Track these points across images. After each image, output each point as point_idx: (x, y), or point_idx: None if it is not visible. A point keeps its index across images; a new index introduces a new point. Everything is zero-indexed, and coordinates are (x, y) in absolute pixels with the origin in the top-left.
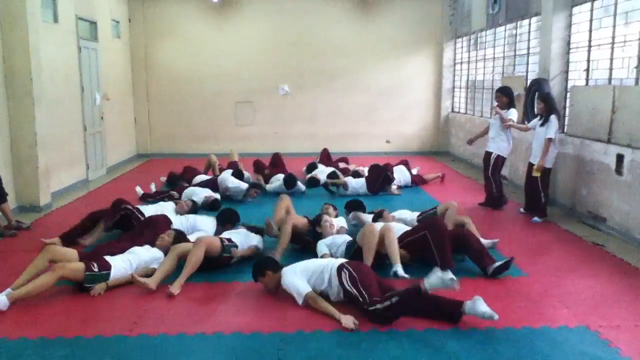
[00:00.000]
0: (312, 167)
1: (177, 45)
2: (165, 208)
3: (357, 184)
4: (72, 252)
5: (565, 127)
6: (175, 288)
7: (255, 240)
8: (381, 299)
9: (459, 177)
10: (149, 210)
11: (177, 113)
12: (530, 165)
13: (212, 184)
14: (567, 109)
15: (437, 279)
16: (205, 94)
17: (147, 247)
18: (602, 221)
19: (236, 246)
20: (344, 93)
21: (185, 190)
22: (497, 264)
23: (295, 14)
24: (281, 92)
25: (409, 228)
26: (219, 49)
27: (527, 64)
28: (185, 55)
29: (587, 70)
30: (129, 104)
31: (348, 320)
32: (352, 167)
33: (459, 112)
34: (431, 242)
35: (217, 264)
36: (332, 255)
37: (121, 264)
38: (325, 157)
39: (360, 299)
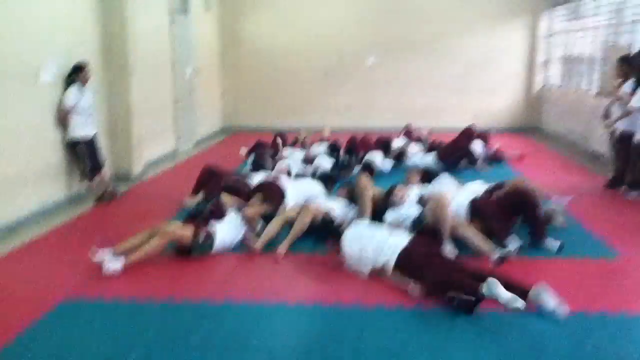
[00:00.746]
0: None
1: (266, 17)
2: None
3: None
4: (182, 233)
5: None
6: (282, 249)
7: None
8: (452, 291)
9: (552, 155)
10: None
11: (265, 86)
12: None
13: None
14: None
15: (504, 298)
16: (293, 66)
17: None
18: None
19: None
20: (433, 64)
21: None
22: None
23: None
24: (368, 63)
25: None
26: (309, 19)
27: (633, 32)
28: (275, 27)
29: None
30: (218, 77)
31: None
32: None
33: (553, 86)
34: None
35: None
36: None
37: (223, 235)
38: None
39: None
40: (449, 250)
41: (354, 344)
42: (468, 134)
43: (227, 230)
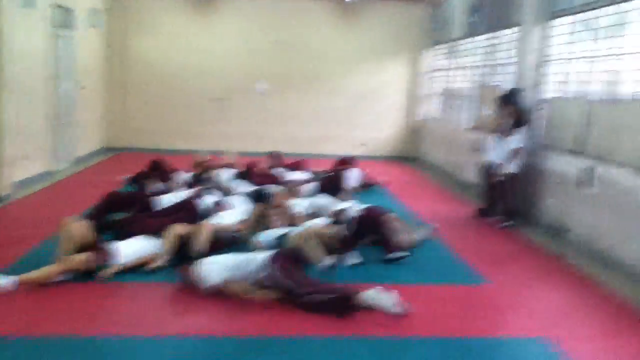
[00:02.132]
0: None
1: (156, 39)
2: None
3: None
4: (85, 233)
5: (535, 138)
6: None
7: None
8: (316, 291)
9: (428, 183)
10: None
11: (152, 107)
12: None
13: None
14: (540, 120)
15: (377, 298)
16: (181, 90)
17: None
18: (565, 232)
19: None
20: (322, 96)
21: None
22: (395, 255)
23: (277, 15)
24: (258, 90)
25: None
26: (198, 45)
27: (503, 74)
28: (164, 50)
29: (563, 82)
30: (102, 96)
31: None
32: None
33: (433, 118)
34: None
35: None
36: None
37: (123, 251)
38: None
39: (290, 288)
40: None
41: None
42: (343, 162)
43: (131, 244)
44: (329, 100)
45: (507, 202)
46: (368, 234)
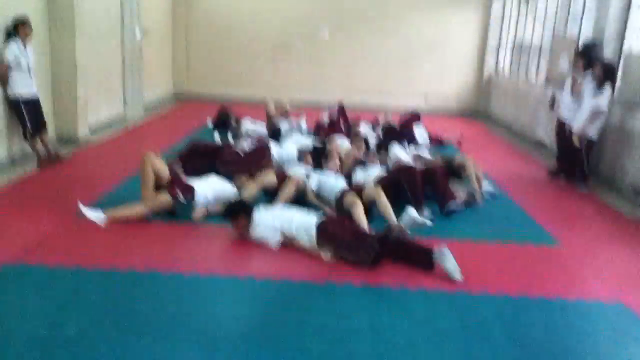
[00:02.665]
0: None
1: None
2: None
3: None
4: (164, 167)
5: (615, 96)
6: None
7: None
8: (365, 247)
9: (498, 141)
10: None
11: (217, 53)
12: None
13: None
14: (623, 77)
15: (409, 219)
16: (243, 36)
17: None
18: None
19: None
20: (385, 41)
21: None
22: (452, 207)
23: None
24: (321, 33)
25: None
26: None
27: (581, 25)
28: None
29: None
30: (168, 42)
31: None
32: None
33: (502, 73)
34: (405, 184)
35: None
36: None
37: (203, 191)
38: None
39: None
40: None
41: (299, 316)
42: (413, 119)
43: (205, 186)
44: (393, 48)
45: (584, 166)
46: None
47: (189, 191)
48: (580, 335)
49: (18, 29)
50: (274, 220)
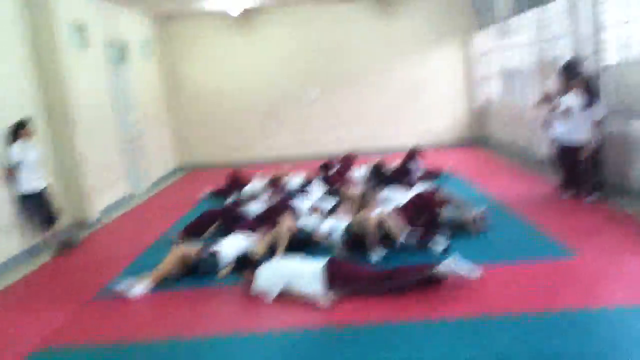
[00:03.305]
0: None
1: (203, 62)
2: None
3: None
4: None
5: (609, 106)
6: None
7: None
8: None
9: (500, 163)
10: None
11: (209, 126)
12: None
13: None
14: (608, 87)
15: (454, 265)
16: (233, 107)
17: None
18: None
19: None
20: (370, 95)
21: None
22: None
23: (315, 21)
24: (307, 100)
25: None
26: (244, 62)
27: (560, 47)
28: (212, 71)
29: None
30: (165, 120)
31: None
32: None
33: (493, 100)
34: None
35: None
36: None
37: (226, 252)
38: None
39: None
40: (376, 256)
41: None
42: (410, 156)
43: (230, 244)
44: (383, 97)
45: (589, 175)
46: (421, 216)
47: (213, 254)
48: (608, 343)
49: (21, 130)
50: (275, 272)
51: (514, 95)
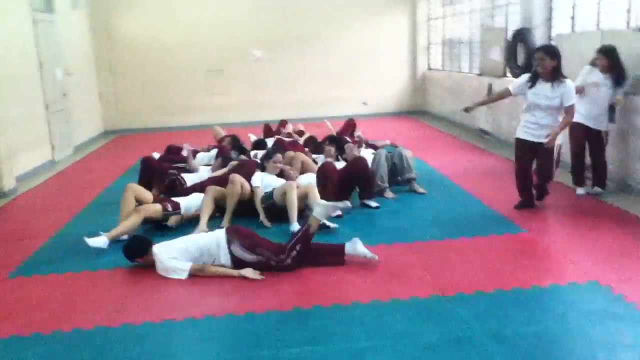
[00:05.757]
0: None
1: (142, 15)
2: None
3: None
4: (148, 193)
5: None
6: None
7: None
8: (286, 252)
9: (441, 135)
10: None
11: (144, 86)
12: (591, 132)
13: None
14: None
15: (322, 209)
16: (174, 65)
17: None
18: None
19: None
20: (318, 57)
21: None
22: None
23: None
24: (252, 58)
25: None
26: (186, 17)
27: (507, 14)
28: (153, 24)
29: (573, 17)
30: (93, 78)
31: (248, 272)
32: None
33: (436, 69)
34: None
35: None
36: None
37: (188, 204)
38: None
39: (263, 259)
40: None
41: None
42: (350, 125)
43: (190, 201)
44: (326, 61)
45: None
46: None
47: (177, 206)
48: (561, 318)
49: None
50: (176, 247)
51: (455, 65)
